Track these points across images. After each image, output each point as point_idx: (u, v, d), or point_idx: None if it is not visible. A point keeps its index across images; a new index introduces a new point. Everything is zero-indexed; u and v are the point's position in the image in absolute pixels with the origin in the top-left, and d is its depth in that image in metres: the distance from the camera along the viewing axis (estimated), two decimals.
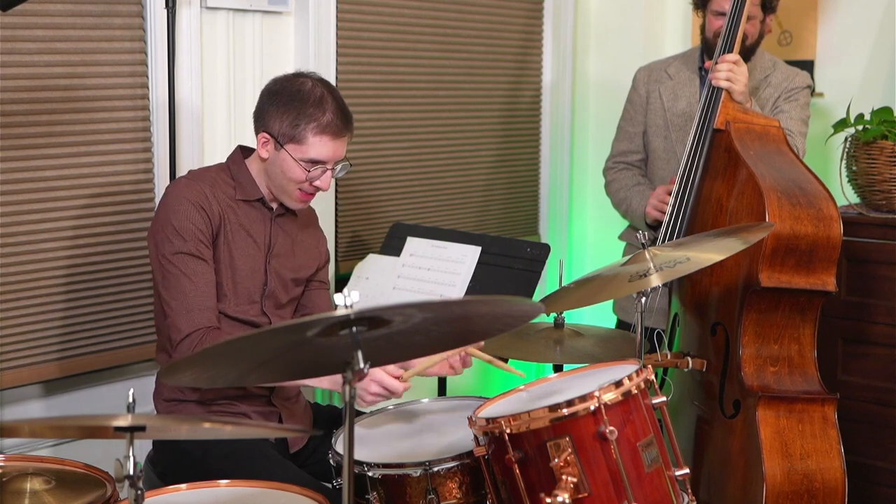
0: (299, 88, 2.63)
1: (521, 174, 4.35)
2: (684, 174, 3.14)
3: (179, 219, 2.58)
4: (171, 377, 1.98)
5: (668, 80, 3.53)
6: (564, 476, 2.08)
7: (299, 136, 2.60)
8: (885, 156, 3.37)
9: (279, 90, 2.65)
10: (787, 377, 2.91)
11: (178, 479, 2.33)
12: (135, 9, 3.00)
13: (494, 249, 3.19)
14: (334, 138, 2.62)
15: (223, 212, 2.65)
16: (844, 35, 3.99)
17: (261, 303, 2.71)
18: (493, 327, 2.04)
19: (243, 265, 2.67)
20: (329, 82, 2.70)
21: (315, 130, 2.60)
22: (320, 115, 2.60)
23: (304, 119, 2.60)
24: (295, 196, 2.68)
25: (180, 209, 2.58)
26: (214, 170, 2.75)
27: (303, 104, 2.60)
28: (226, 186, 2.70)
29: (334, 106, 2.63)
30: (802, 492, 2.82)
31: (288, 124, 2.60)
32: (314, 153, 2.61)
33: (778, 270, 2.86)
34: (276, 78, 2.70)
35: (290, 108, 2.61)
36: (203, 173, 2.72)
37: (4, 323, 2.81)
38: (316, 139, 2.60)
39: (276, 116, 2.62)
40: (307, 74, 2.69)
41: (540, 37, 4.32)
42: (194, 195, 2.60)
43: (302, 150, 2.61)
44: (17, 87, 2.76)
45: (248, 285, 2.68)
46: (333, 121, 2.61)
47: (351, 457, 1.82)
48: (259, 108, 2.68)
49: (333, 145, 2.63)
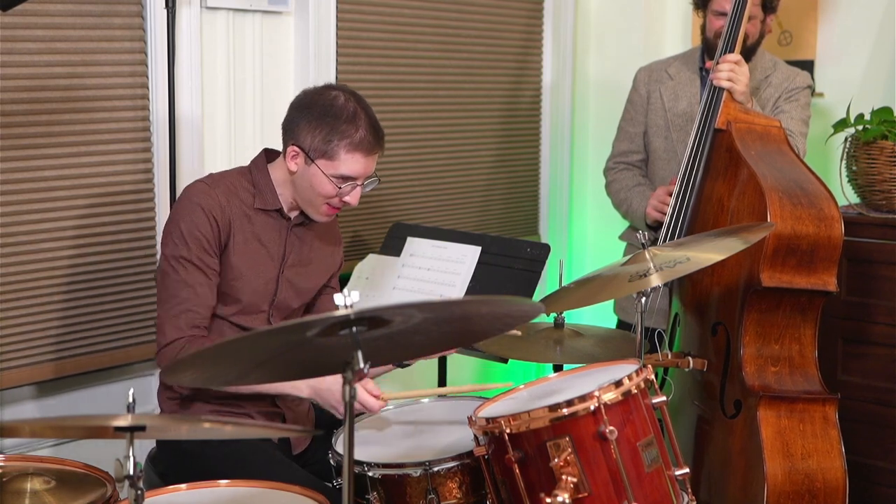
0: (332, 103, 2.58)
1: (521, 174, 4.35)
2: (685, 174, 3.13)
3: (188, 224, 2.56)
4: (171, 377, 1.98)
5: (668, 81, 3.53)
6: (564, 476, 2.08)
7: (331, 152, 2.56)
8: (885, 156, 3.37)
9: (311, 103, 2.60)
10: (787, 377, 2.91)
11: (179, 478, 2.33)
12: (135, 9, 3.00)
13: (494, 249, 3.19)
14: (366, 155, 2.58)
15: (236, 220, 2.61)
16: (844, 35, 3.99)
17: (268, 312, 2.70)
18: (493, 327, 2.04)
19: (253, 275, 2.65)
20: (360, 96, 2.65)
21: (348, 147, 2.56)
22: (353, 132, 2.55)
23: (338, 135, 2.55)
24: (322, 210, 2.64)
25: (191, 215, 2.56)
26: (235, 174, 2.70)
27: (336, 120, 2.55)
28: (244, 193, 2.66)
29: (367, 122, 2.58)
30: (803, 492, 2.82)
31: (321, 140, 2.56)
32: (345, 169, 2.57)
33: (779, 270, 2.86)
34: (307, 90, 2.65)
35: (322, 124, 2.56)
36: (222, 178, 2.67)
37: (4, 323, 2.80)
38: (348, 156, 2.56)
39: (308, 131, 2.57)
40: (339, 87, 2.65)
41: (540, 37, 4.32)
42: (208, 202, 2.57)
43: (333, 167, 2.57)
44: (17, 87, 2.76)
45: (256, 295, 2.66)
46: (366, 137, 2.57)
47: (351, 457, 1.81)
48: (289, 121, 2.63)
49: (365, 162, 2.59)
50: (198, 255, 2.55)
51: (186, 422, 2.04)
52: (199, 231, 2.55)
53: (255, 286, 2.65)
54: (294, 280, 2.73)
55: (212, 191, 2.60)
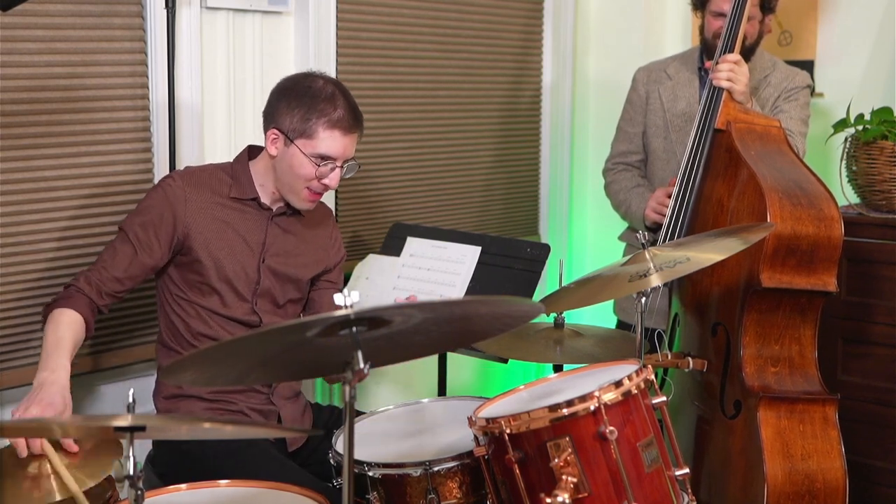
0: (310, 85, 2.66)
1: (521, 174, 4.35)
2: (685, 174, 3.13)
3: (144, 204, 2.67)
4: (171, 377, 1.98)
5: (667, 81, 3.53)
6: (564, 476, 2.08)
7: (310, 130, 2.62)
8: (885, 156, 3.36)
9: (290, 86, 2.68)
10: (787, 377, 2.91)
11: (177, 478, 2.33)
12: (135, 9, 3.00)
13: (494, 249, 3.19)
14: (345, 133, 2.65)
15: (204, 211, 2.68)
16: (844, 35, 3.99)
17: (252, 301, 2.72)
18: (493, 327, 2.04)
19: (228, 264, 2.70)
20: (340, 82, 2.72)
21: (326, 125, 2.62)
22: (331, 111, 2.63)
23: (316, 113, 2.62)
24: (303, 195, 2.69)
25: (150, 198, 2.67)
26: (213, 167, 2.79)
27: (314, 99, 2.63)
28: (219, 184, 2.73)
29: (345, 103, 2.65)
30: (803, 492, 2.82)
31: (299, 119, 2.63)
32: (324, 148, 2.63)
33: (779, 271, 2.86)
34: (287, 77, 2.74)
35: (301, 104, 2.63)
36: (198, 171, 2.77)
37: (4, 323, 2.81)
38: (326, 133, 2.62)
39: (287, 112, 2.64)
40: (318, 74, 2.72)
41: (540, 37, 4.32)
42: (172, 191, 2.66)
43: (312, 145, 2.63)
44: (17, 87, 2.76)
45: (236, 284, 2.70)
46: (345, 116, 2.64)
47: (351, 457, 1.81)
48: (269, 106, 2.71)
49: (344, 141, 2.65)
50: (141, 232, 2.63)
51: (186, 422, 2.04)
52: (151, 213, 2.64)
53: (231, 275, 2.69)
54: (278, 269, 2.76)
55: (180, 181, 2.69)
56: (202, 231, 2.67)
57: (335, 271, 2.93)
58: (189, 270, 2.69)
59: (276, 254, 2.76)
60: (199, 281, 2.68)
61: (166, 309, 2.73)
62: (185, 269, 2.69)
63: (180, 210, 2.65)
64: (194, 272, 2.68)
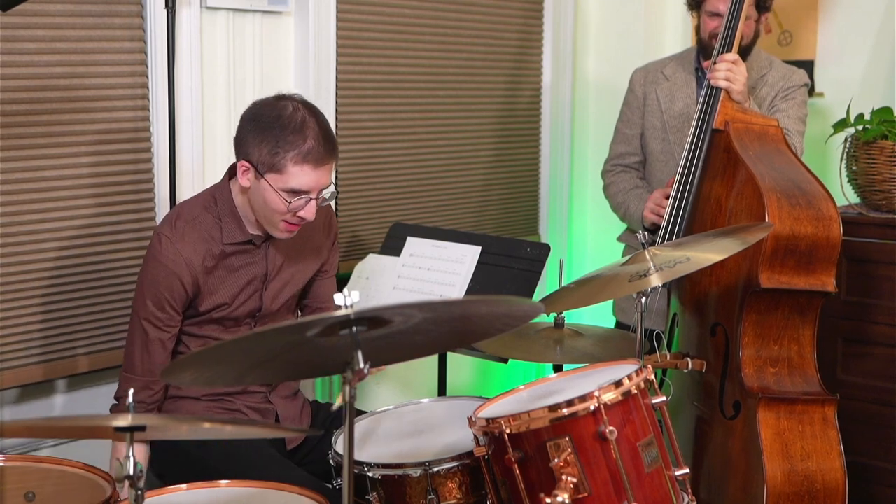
0: (279, 114, 2.48)
1: (520, 174, 4.35)
2: (683, 174, 3.13)
3: (152, 284, 2.56)
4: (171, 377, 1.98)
5: (664, 82, 3.53)
6: (564, 476, 2.08)
7: (279, 164, 2.46)
8: (885, 156, 3.36)
9: (258, 115, 2.51)
10: (787, 378, 2.91)
11: (176, 478, 2.33)
12: (135, 9, 3.00)
13: (494, 249, 3.19)
14: (316, 167, 2.48)
15: (207, 266, 2.59)
16: (844, 35, 3.99)
17: (251, 325, 2.72)
18: (493, 327, 2.04)
19: (235, 302, 2.66)
20: (313, 106, 2.56)
21: (295, 159, 2.46)
22: (301, 143, 2.46)
23: (284, 146, 2.45)
24: (280, 227, 2.57)
25: (158, 275, 2.56)
26: (197, 212, 2.63)
27: (282, 131, 2.46)
28: (209, 233, 2.61)
29: (316, 132, 2.48)
30: (803, 493, 2.82)
31: (267, 152, 2.47)
32: (295, 183, 2.48)
33: (778, 271, 2.86)
34: (256, 101, 2.57)
35: (268, 136, 2.47)
36: (185, 227, 2.60)
37: (4, 323, 2.81)
38: (296, 168, 2.46)
39: (255, 144, 2.48)
40: (289, 97, 2.54)
41: (539, 37, 4.32)
42: (175, 262, 2.55)
43: (282, 180, 2.47)
44: (17, 87, 2.76)
45: (238, 313, 2.68)
46: (315, 148, 2.47)
47: (351, 457, 1.82)
48: (239, 135, 2.55)
49: (315, 174, 2.49)
50: (153, 312, 2.56)
51: (186, 422, 2.04)
52: (158, 287, 2.55)
53: (237, 312, 2.67)
54: (278, 291, 2.73)
55: (176, 246, 2.56)
56: (207, 283, 2.61)
57: (331, 260, 2.89)
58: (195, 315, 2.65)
59: (275, 276, 2.73)
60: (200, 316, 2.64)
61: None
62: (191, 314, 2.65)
63: (185, 275, 2.56)
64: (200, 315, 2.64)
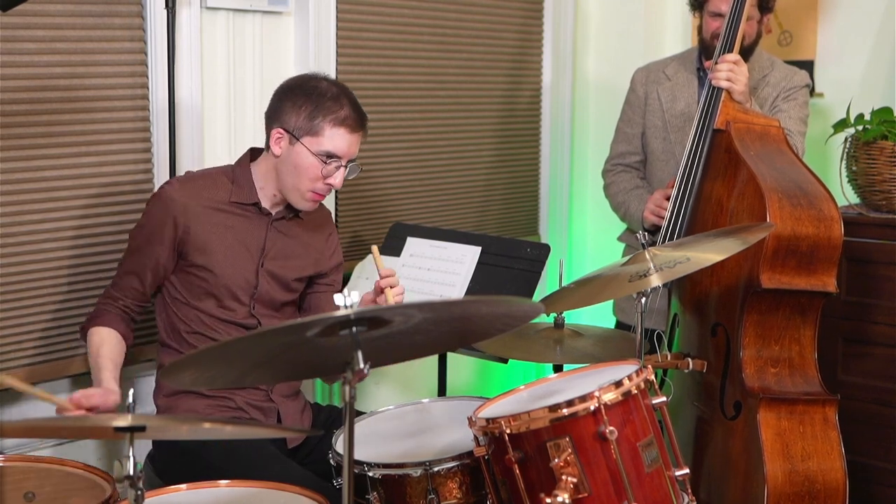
0: (316, 85, 2.69)
1: (520, 174, 4.35)
2: (684, 174, 3.13)
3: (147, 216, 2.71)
4: (171, 377, 1.98)
5: (666, 81, 3.53)
6: (564, 476, 2.08)
7: (316, 127, 2.65)
8: (885, 156, 3.36)
9: (295, 86, 2.71)
10: (787, 378, 2.91)
11: (177, 476, 2.33)
12: (135, 9, 3.00)
13: (494, 249, 3.19)
14: (351, 132, 2.67)
15: (202, 216, 2.69)
16: (844, 35, 3.99)
17: (250, 305, 2.73)
18: (493, 327, 2.04)
19: (227, 269, 2.70)
20: (344, 84, 2.76)
21: (332, 122, 2.65)
22: (338, 109, 2.66)
23: (322, 111, 2.65)
24: (307, 196, 2.70)
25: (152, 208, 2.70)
26: (215, 172, 2.80)
27: (320, 98, 2.66)
28: (219, 190, 2.74)
29: (350, 103, 2.69)
30: (804, 493, 2.82)
31: (305, 117, 2.65)
32: (330, 145, 2.65)
33: (779, 272, 2.86)
34: (290, 78, 2.79)
35: (307, 102, 2.66)
36: (197, 177, 2.79)
37: (5, 323, 2.81)
38: (333, 131, 2.65)
39: (293, 111, 2.67)
40: (322, 76, 2.74)
41: (539, 37, 4.32)
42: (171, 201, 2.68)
43: (318, 143, 2.65)
44: (17, 87, 2.76)
45: (233, 288, 2.71)
46: (350, 115, 2.67)
47: (351, 457, 1.81)
48: (273, 106, 2.73)
49: (349, 139, 2.67)
50: (140, 241, 2.70)
51: (187, 422, 2.04)
52: (152, 221, 2.68)
53: (229, 280, 2.70)
54: (276, 272, 2.77)
55: (178, 187, 2.71)
56: (200, 235, 2.68)
57: (333, 274, 2.93)
58: (188, 275, 2.70)
59: (275, 258, 2.77)
60: (197, 285, 2.70)
61: (166, 310, 2.74)
62: (185, 273, 2.70)
63: (179, 216, 2.67)
64: (193, 276, 2.70)
